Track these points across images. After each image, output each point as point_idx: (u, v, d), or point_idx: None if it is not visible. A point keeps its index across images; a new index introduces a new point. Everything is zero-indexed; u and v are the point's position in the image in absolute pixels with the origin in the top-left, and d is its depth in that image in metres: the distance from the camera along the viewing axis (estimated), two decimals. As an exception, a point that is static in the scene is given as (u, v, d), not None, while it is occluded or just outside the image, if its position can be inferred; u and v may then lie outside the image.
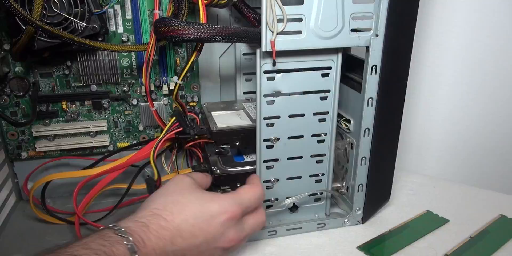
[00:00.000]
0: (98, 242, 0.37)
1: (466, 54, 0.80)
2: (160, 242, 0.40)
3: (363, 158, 0.56)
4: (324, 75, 0.52)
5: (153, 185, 0.53)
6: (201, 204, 0.43)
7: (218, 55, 0.64)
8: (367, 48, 0.50)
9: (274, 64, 0.48)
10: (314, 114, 0.53)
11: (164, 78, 0.62)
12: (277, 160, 0.54)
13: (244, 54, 0.64)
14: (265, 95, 0.51)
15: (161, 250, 0.40)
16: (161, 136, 0.54)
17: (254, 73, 0.61)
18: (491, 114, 0.83)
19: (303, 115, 0.53)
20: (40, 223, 0.59)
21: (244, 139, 0.55)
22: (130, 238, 0.38)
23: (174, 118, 0.55)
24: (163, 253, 0.40)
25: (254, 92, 0.65)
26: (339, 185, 0.61)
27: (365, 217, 0.60)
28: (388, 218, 0.61)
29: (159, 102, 0.64)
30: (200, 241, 0.42)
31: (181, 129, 0.54)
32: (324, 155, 0.56)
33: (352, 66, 0.56)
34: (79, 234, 0.54)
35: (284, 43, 0.47)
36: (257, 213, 0.49)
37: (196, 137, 0.56)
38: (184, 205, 0.43)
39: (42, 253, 0.36)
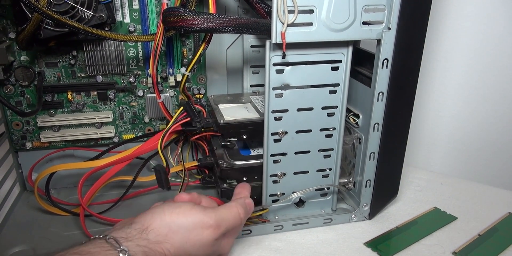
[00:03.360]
0: None
1: (477, 50, 0.79)
2: None
3: (372, 154, 0.55)
4: (333, 69, 0.51)
5: (162, 172, 0.52)
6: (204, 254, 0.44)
7: (226, 47, 0.63)
8: (379, 41, 0.49)
9: (284, 56, 0.47)
10: (323, 108, 0.52)
11: (170, 70, 0.61)
12: (284, 154, 0.53)
13: (252, 46, 0.63)
14: (274, 88, 0.50)
15: None
16: (169, 125, 0.53)
17: (262, 66, 0.60)
18: (500, 111, 0.82)
19: (311, 109, 0.52)
20: (44, 214, 0.59)
21: (252, 133, 0.55)
22: None
23: (181, 108, 0.54)
24: None
25: (262, 85, 0.65)
26: (346, 180, 0.60)
27: (372, 213, 0.59)
28: (396, 214, 0.61)
29: (165, 94, 0.63)
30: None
31: (189, 119, 0.53)
32: (332, 149, 0.55)
33: (361, 59, 0.55)
34: (83, 226, 0.54)
35: (294, 35, 0.46)
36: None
37: (202, 129, 0.55)
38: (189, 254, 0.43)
39: None
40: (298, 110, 0.52)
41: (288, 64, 0.49)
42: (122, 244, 0.38)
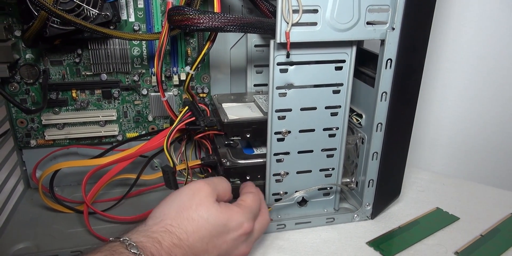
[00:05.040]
0: None
1: (479, 51, 0.79)
2: None
3: (375, 153, 0.55)
4: (337, 68, 0.51)
5: (170, 172, 0.52)
6: (217, 223, 0.41)
7: (230, 46, 0.64)
8: (382, 41, 0.49)
9: (288, 56, 0.48)
10: (326, 107, 0.53)
11: (174, 69, 0.62)
12: (287, 153, 0.54)
13: (256, 46, 0.63)
14: (278, 88, 0.50)
15: None
16: (174, 125, 0.53)
17: (266, 65, 0.60)
18: (503, 112, 0.82)
19: (315, 108, 0.52)
20: (48, 211, 0.59)
21: (255, 132, 0.55)
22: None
23: (186, 107, 0.54)
24: None
25: (265, 85, 0.65)
26: (348, 180, 0.60)
27: (375, 213, 0.59)
28: (398, 214, 0.61)
29: (169, 93, 0.63)
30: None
31: (193, 118, 0.53)
32: (335, 149, 0.55)
33: (364, 60, 0.56)
34: (87, 223, 0.54)
35: (299, 34, 0.46)
36: (261, 216, 0.48)
37: (206, 128, 0.55)
38: (200, 224, 0.40)
39: None
40: (302, 109, 0.52)
41: (292, 63, 0.49)
42: (124, 236, 0.38)
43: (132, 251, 0.36)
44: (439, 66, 0.81)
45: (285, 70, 0.49)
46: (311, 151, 0.54)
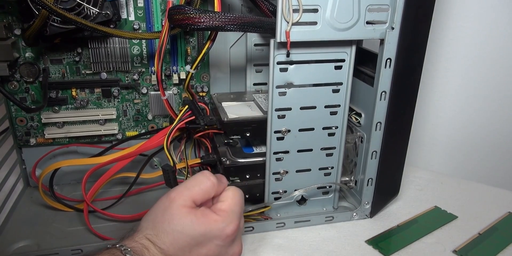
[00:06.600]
0: None
1: (477, 51, 0.79)
2: None
3: (374, 152, 0.55)
4: (337, 68, 0.51)
5: (170, 171, 0.51)
6: (194, 234, 0.40)
7: (229, 45, 0.64)
8: (382, 41, 0.49)
9: (288, 55, 0.48)
10: (326, 106, 0.53)
11: (174, 68, 0.62)
12: (287, 152, 0.54)
13: (255, 45, 0.63)
14: (277, 87, 0.50)
15: None
16: (174, 123, 0.53)
17: (265, 65, 0.60)
18: (501, 111, 0.83)
19: (314, 107, 0.52)
20: (48, 210, 0.59)
21: (255, 130, 0.55)
22: None
23: (186, 106, 0.54)
24: None
25: (264, 84, 0.66)
26: (347, 178, 0.61)
27: (373, 211, 0.59)
28: (396, 213, 0.61)
29: (168, 92, 0.63)
30: None
31: (193, 117, 0.53)
32: (334, 148, 0.55)
33: (364, 59, 0.56)
34: (87, 221, 0.54)
35: (299, 34, 0.46)
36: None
37: (206, 127, 0.55)
38: (176, 237, 0.40)
39: None
40: (301, 108, 0.52)
41: (292, 62, 0.49)
42: (120, 243, 0.40)
43: (127, 255, 0.38)
44: (438, 66, 0.81)
45: (285, 69, 0.49)
46: (311, 150, 0.55)
